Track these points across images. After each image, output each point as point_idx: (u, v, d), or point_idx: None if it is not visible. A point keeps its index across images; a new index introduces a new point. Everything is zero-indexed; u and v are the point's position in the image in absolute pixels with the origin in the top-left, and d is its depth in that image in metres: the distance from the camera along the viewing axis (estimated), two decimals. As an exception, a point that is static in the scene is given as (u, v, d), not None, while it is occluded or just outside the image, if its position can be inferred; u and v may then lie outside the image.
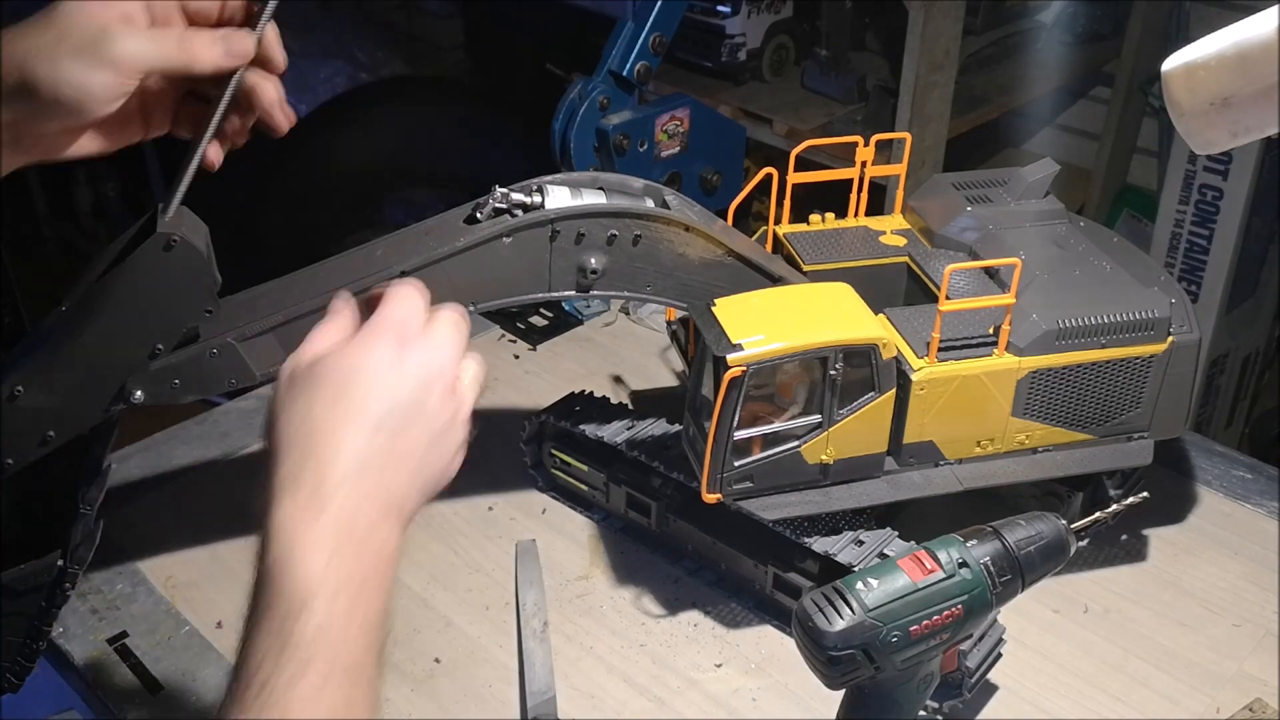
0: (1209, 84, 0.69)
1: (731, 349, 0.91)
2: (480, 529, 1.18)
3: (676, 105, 1.50)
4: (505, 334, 1.49)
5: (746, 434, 0.94)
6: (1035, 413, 1.01)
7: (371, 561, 0.67)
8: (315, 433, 0.66)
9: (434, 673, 1.03)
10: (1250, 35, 0.67)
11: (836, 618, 0.75)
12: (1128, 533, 1.18)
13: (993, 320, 1.00)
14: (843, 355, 0.93)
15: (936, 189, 1.17)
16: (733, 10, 2.31)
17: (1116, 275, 1.04)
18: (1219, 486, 1.24)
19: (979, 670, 0.95)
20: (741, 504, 0.98)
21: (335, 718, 0.61)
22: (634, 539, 1.17)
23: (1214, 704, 1.00)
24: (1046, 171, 1.13)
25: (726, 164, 1.59)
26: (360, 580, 0.65)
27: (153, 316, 0.88)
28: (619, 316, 1.52)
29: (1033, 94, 2.45)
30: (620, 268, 1.01)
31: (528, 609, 1.07)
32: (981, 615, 0.78)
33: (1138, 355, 1.01)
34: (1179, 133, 0.72)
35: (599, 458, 1.15)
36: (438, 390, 0.71)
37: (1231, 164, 2.10)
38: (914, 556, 0.77)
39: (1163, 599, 1.11)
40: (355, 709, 0.63)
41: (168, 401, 0.92)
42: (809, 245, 1.14)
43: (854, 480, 0.99)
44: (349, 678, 0.63)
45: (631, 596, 1.11)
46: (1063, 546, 0.80)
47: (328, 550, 0.64)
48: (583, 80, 1.44)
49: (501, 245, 0.97)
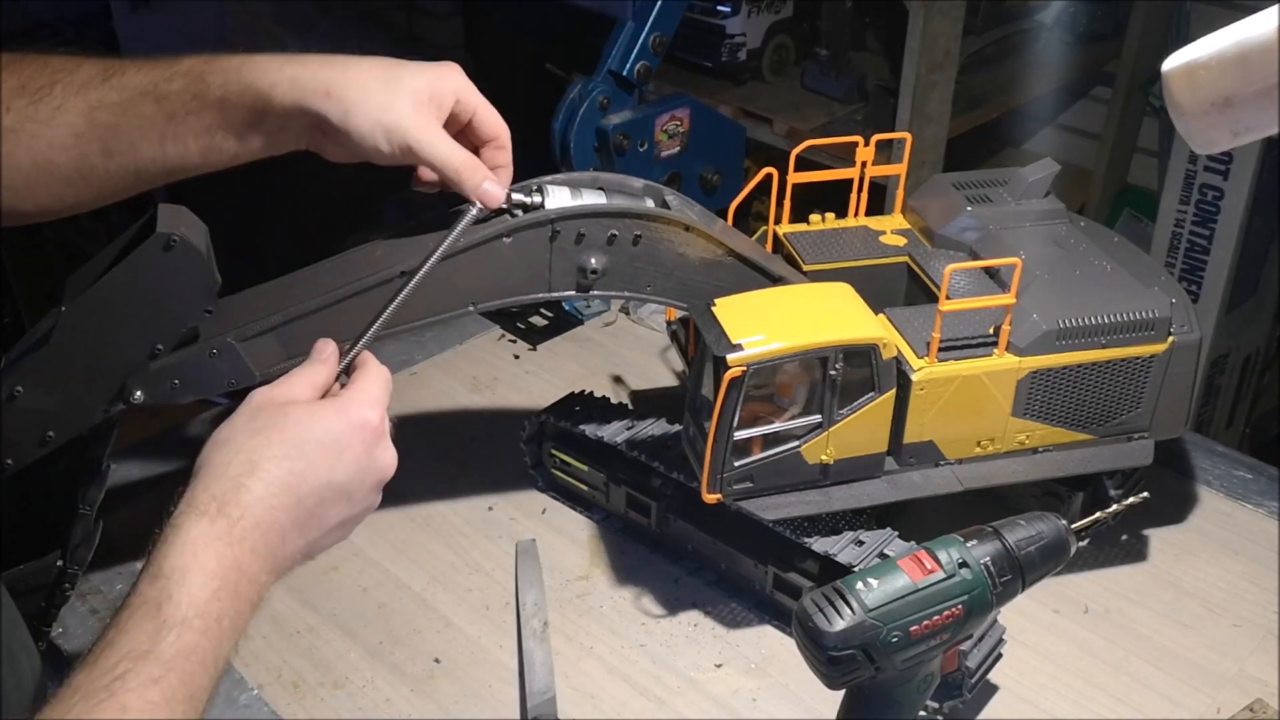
0: (1209, 84, 0.69)
1: (731, 349, 0.91)
2: (480, 529, 1.18)
3: (676, 105, 1.50)
4: (505, 334, 1.49)
5: (746, 434, 0.94)
6: (1035, 413, 1.01)
7: (243, 610, 0.69)
8: (255, 471, 0.71)
9: (434, 673, 1.03)
10: (1250, 35, 0.67)
11: (836, 618, 0.74)
12: (1128, 533, 1.18)
13: (993, 320, 1.00)
14: (843, 355, 0.93)
15: (936, 189, 1.17)
16: (733, 10, 2.31)
17: (1117, 275, 1.04)
18: (1219, 486, 1.24)
19: (979, 670, 0.95)
20: (741, 504, 0.98)
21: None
22: (634, 539, 1.17)
23: (1214, 704, 1.00)
24: (1047, 171, 1.13)
25: (726, 164, 1.59)
26: (230, 621, 0.68)
27: (153, 316, 0.88)
28: (619, 316, 1.52)
29: (1033, 94, 2.45)
30: (620, 268, 1.01)
31: (528, 609, 1.07)
32: (982, 615, 0.78)
33: (1138, 355, 1.01)
34: (1179, 133, 0.72)
35: (599, 458, 1.15)
36: (369, 484, 0.77)
37: (1232, 164, 2.10)
38: (914, 556, 0.77)
39: (1163, 599, 1.11)
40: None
41: (168, 401, 0.92)
42: (809, 245, 1.14)
43: (854, 480, 0.99)
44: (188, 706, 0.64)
45: (631, 596, 1.11)
46: (1063, 546, 0.80)
47: (217, 583, 0.67)
48: (583, 80, 1.44)
49: (501, 245, 0.97)
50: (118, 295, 0.86)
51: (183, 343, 0.90)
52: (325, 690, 1.01)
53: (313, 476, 0.73)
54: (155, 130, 0.86)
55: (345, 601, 1.10)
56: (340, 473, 0.74)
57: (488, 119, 0.93)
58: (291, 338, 0.93)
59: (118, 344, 0.88)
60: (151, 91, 0.85)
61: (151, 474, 1.25)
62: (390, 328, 0.96)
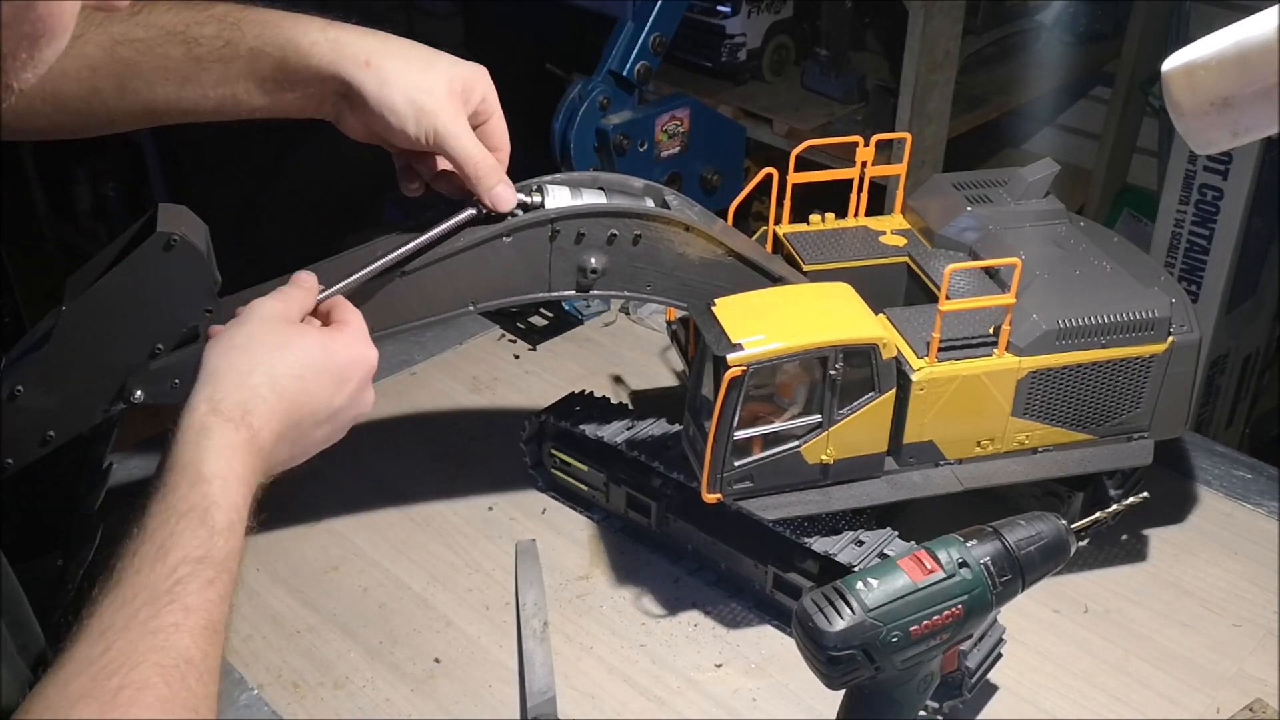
0: (1209, 84, 0.69)
1: (731, 349, 0.91)
2: (480, 529, 1.18)
3: (676, 105, 1.50)
4: (505, 334, 1.49)
5: (746, 434, 0.94)
6: (1035, 413, 1.01)
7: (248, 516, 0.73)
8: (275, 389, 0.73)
9: (434, 673, 1.03)
10: (1250, 35, 0.67)
11: (836, 618, 0.75)
12: (1128, 533, 1.18)
13: (993, 320, 1.00)
14: (843, 355, 0.93)
15: (936, 189, 1.17)
16: (733, 10, 2.31)
17: (1117, 275, 1.04)
18: (1219, 486, 1.24)
19: (979, 670, 0.95)
20: (741, 504, 0.98)
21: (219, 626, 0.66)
22: (634, 539, 1.17)
23: (1214, 704, 1.00)
24: (1046, 171, 1.13)
25: (726, 164, 1.59)
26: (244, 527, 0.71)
27: (153, 316, 0.88)
28: (619, 316, 1.52)
29: (1033, 94, 2.45)
30: (620, 267, 1.01)
31: (528, 609, 1.07)
32: (981, 615, 0.78)
33: (1138, 355, 1.01)
34: (1179, 133, 0.72)
35: (599, 458, 1.15)
36: (352, 415, 0.80)
37: (1231, 164, 2.10)
38: (914, 556, 0.77)
39: (1163, 599, 1.11)
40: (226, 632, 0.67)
41: (168, 401, 0.92)
42: (809, 245, 1.14)
43: (854, 480, 0.99)
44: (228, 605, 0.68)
45: (631, 596, 1.11)
46: (1063, 546, 0.80)
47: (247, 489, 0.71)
48: (583, 80, 1.44)
49: (502, 245, 0.97)
50: (118, 295, 0.86)
51: (183, 342, 0.90)
52: (325, 690, 1.01)
53: (318, 400, 0.76)
54: (178, 73, 0.85)
55: (345, 601, 1.10)
56: (338, 400, 0.77)
57: (499, 128, 0.94)
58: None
59: (118, 343, 0.88)
60: (182, 33, 0.84)
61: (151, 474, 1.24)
62: (388, 326, 0.96)
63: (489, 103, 0.92)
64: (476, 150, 0.89)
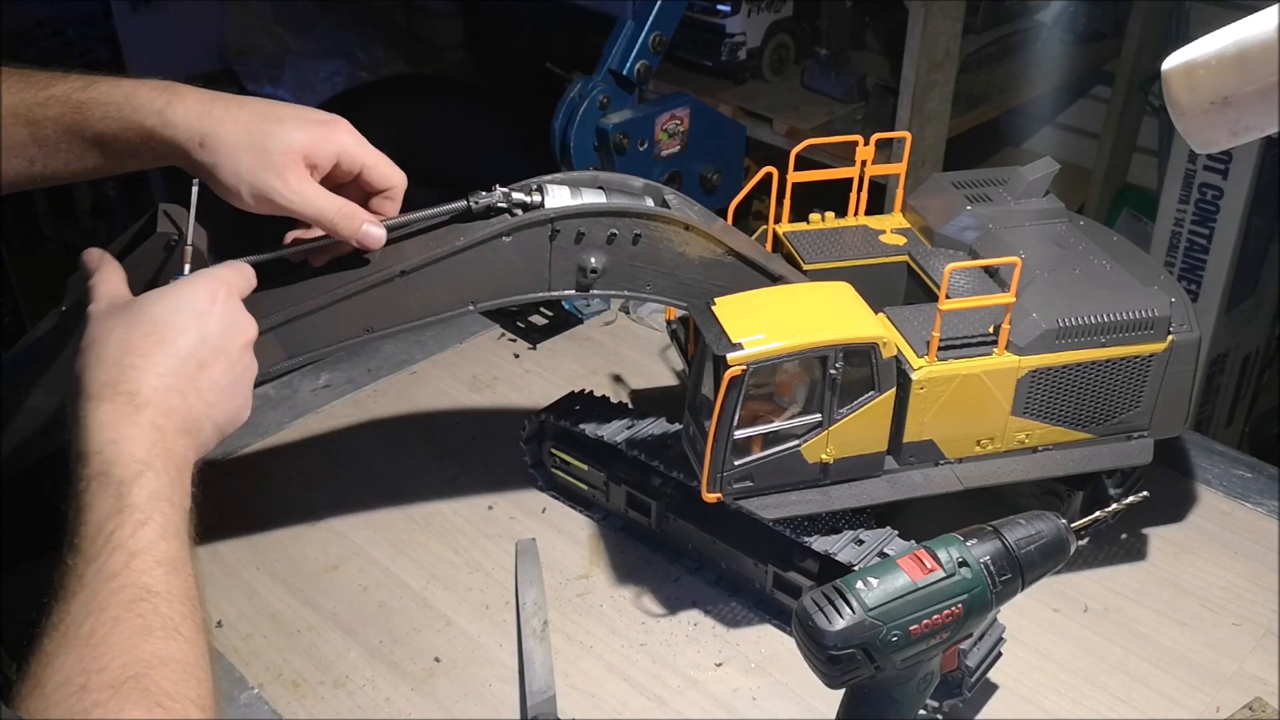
0: (1209, 83, 0.69)
1: (731, 348, 0.92)
2: (480, 528, 1.18)
3: (677, 104, 1.50)
4: (505, 333, 1.49)
5: (746, 433, 0.94)
6: (1035, 412, 1.01)
7: (177, 467, 0.73)
8: (132, 353, 0.74)
9: (434, 672, 1.03)
10: (1250, 35, 0.67)
11: (836, 617, 0.75)
12: (1128, 532, 1.18)
13: (993, 319, 1.00)
14: (843, 354, 0.93)
15: (936, 188, 1.17)
16: (733, 9, 2.31)
17: (1116, 274, 1.04)
18: (1219, 486, 1.24)
19: (979, 669, 0.95)
20: (741, 503, 0.98)
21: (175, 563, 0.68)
22: (634, 538, 1.17)
23: (1214, 703, 1.00)
24: (1046, 170, 1.13)
25: (726, 163, 1.59)
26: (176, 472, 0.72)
27: None
28: (619, 316, 1.52)
29: (1033, 93, 2.45)
30: (620, 267, 1.01)
31: (528, 608, 1.07)
32: (981, 614, 0.78)
33: (1138, 354, 1.01)
34: (1179, 132, 0.72)
35: (599, 457, 1.15)
36: (240, 342, 0.80)
37: (1231, 163, 2.10)
38: (914, 556, 0.78)
39: (1163, 598, 1.11)
40: (185, 569, 0.69)
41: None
42: (809, 244, 1.14)
43: (854, 479, 0.99)
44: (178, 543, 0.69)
45: (631, 596, 1.11)
46: (1063, 545, 0.80)
47: (148, 442, 0.71)
48: (583, 79, 1.44)
49: (501, 244, 0.97)
50: None
51: (183, 342, 0.90)
52: (325, 689, 1.01)
53: (183, 340, 0.76)
54: (25, 153, 0.87)
55: (345, 601, 1.10)
56: (209, 329, 0.77)
57: (380, 171, 0.93)
58: (292, 337, 0.93)
59: None
60: (24, 115, 0.86)
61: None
62: (388, 326, 0.96)
63: (351, 157, 0.91)
64: (325, 204, 0.89)
